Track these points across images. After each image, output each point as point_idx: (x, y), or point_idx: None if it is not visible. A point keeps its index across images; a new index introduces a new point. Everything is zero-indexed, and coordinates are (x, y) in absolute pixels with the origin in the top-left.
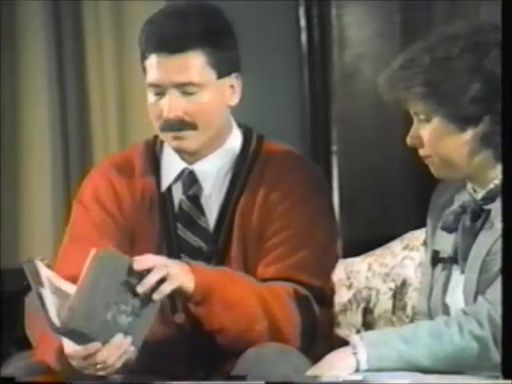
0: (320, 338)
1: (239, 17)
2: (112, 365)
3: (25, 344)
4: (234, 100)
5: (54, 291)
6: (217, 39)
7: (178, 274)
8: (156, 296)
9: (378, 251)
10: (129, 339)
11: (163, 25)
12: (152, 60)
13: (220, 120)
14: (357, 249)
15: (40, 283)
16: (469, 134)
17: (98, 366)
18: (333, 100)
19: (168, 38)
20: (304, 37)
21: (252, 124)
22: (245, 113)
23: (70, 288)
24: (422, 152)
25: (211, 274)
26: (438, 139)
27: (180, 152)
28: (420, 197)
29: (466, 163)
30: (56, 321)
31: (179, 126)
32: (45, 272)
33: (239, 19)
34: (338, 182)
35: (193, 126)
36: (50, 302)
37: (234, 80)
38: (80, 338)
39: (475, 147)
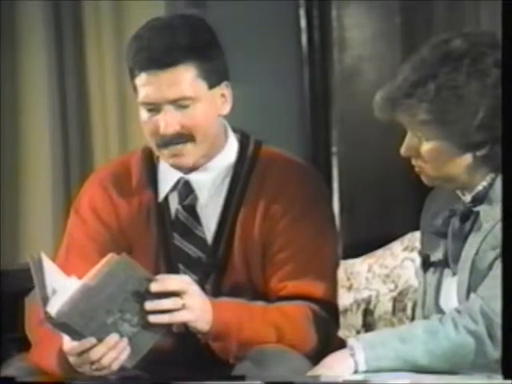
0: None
1: (239, 18)
2: (107, 366)
3: (25, 345)
4: (226, 109)
5: (55, 282)
6: (205, 50)
7: (195, 310)
8: (158, 319)
9: (379, 252)
10: (125, 341)
11: (150, 40)
12: (142, 78)
13: (215, 130)
14: (357, 250)
15: (42, 274)
16: (469, 155)
17: (94, 366)
18: (333, 101)
19: (157, 53)
20: (304, 38)
21: (252, 125)
22: (245, 114)
23: (70, 283)
24: (415, 162)
25: (230, 312)
26: (437, 158)
27: (177, 168)
28: (420, 198)
29: (462, 177)
30: (52, 310)
31: (177, 140)
32: (48, 264)
33: (240, 20)
34: (338, 184)
35: (191, 139)
36: (50, 291)
37: (224, 89)
38: (73, 333)
39: (475, 166)
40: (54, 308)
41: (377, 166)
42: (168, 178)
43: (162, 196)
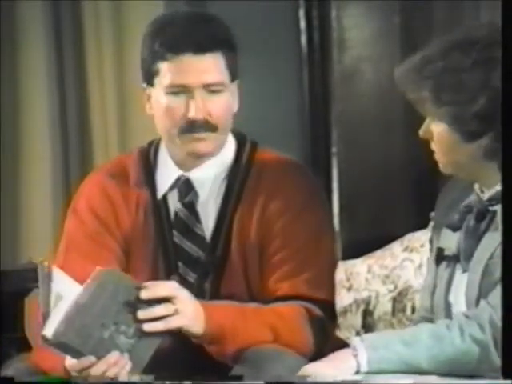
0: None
1: (240, 18)
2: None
3: (25, 345)
4: (236, 107)
5: (61, 288)
6: (230, 42)
7: (188, 315)
8: (153, 328)
9: (378, 253)
10: (126, 357)
11: (186, 26)
12: (173, 61)
13: (229, 125)
14: (357, 250)
15: (49, 289)
16: (473, 145)
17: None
18: (333, 101)
19: (194, 38)
20: (304, 38)
21: (252, 126)
22: (245, 115)
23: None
24: (432, 146)
25: (222, 314)
26: (443, 142)
27: (193, 155)
28: (420, 198)
29: (471, 168)
30: (48, 332)
31: (204, 127)
32: (58, 277)
33: (240, 20)
34: (337, 184)
35: (214, 129)
36: (53, 303)
37: (236, 86)
38: (72, 352)
39: (479, 158)
40: (50, 329)
41: (377, 166)
42: (167, 175)
43: (160, 194)
